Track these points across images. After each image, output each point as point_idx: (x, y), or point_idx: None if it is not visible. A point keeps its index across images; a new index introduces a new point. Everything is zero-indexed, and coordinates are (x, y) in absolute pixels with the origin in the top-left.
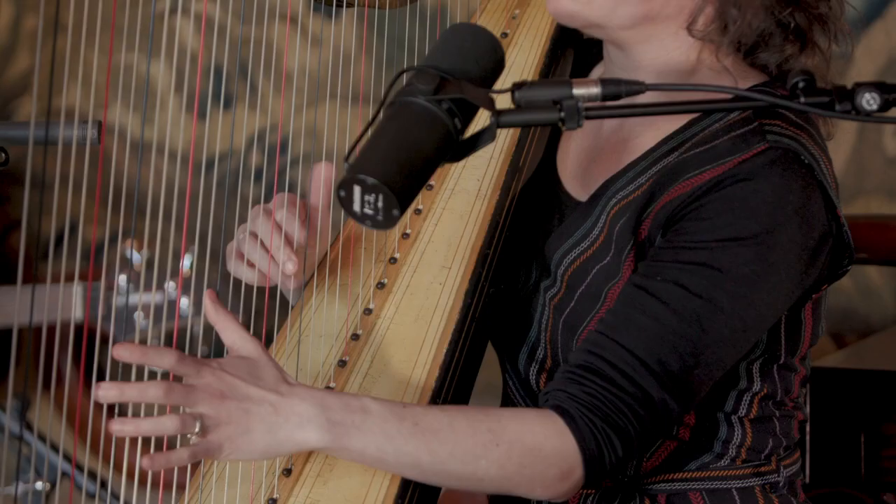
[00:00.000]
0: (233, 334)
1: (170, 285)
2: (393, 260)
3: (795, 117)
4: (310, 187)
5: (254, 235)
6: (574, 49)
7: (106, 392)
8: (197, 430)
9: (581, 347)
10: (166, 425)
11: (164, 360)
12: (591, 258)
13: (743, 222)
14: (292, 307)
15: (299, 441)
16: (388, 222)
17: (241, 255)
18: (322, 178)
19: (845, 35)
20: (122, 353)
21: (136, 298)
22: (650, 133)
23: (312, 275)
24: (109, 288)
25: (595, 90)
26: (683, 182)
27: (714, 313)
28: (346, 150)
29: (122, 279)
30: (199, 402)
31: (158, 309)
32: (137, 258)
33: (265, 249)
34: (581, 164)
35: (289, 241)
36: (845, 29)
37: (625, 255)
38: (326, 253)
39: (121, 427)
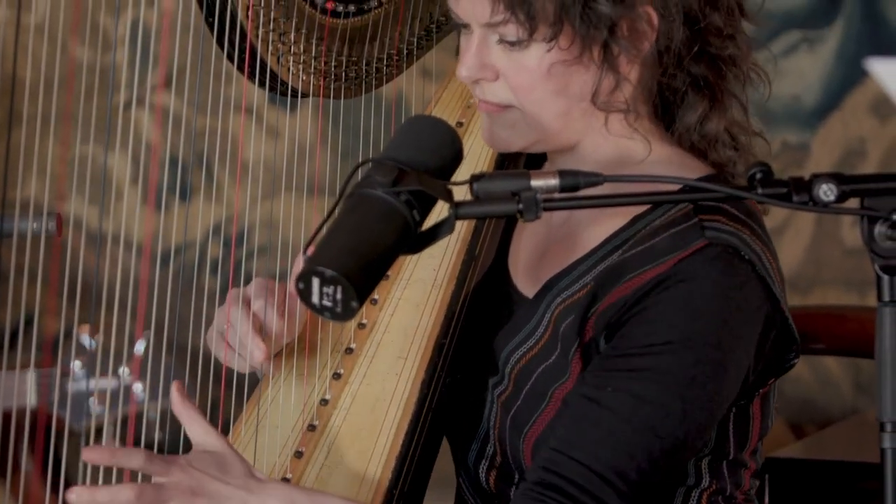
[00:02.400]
0: (198, 428)
1: (124, 371)
2: (349, 350)
3: (737, 212)
4: (291, 274)
5: (232, 325)
6: None
7: (78, 497)
8: None
9: (537, 465)
10: (124, 495)
11: (133, 460)
12: (535, 357)
13: (687, 324)
14: (261, 379)
15: None
16: (346, 314)
17: (225, 343)
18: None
19: (760, 74)
20: (91, 456)
21: (91, 384)
22: (596, 230)
23: (280, 350)
24: (64, 374)
25: (553, 182)
26: (625, 283)
27: (667, 418)
28: (305, 242)
29: (76, 365)
30: (171, 500)
31: (114, 394)
32: (92, 344)
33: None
34: (531, 258)
35: (265, 329)
36: (758, 67)
37: (571, 355)
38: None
39: (77, 498)
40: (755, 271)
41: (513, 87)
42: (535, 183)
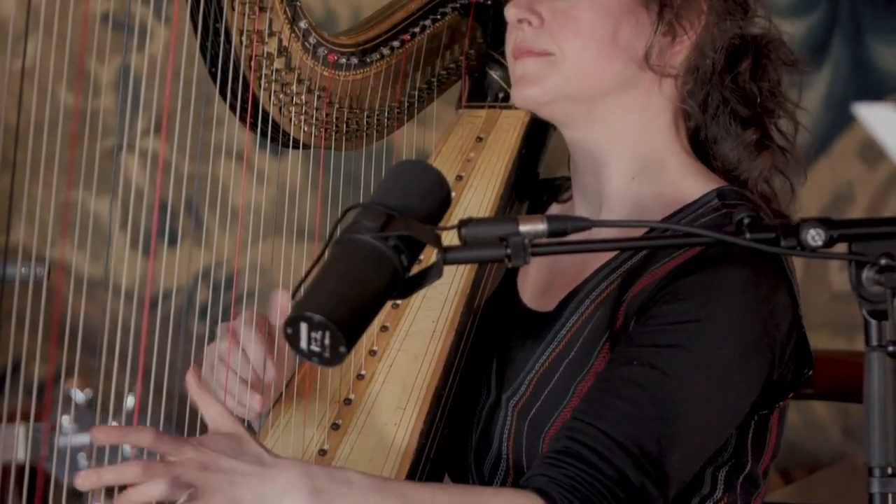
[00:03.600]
0: (214, 410)
1: (113, 426)
2: (348, 401)
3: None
4: (273, 313)
5: (220, 359)
6: (529, 190)
7: (84, 480)
8: (185, 499)
9: (559, 434)
10: (129, 471)
11: (143, 438)
12: (558, 357)
13: (718, 304)
14: (259, 427)
15: None
16: (335, 359)
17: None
18: (279, 307)
19: (798, 160)
20: (99, 435)
21: (80, 439)
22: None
23: (268, 413)
24: (52, 428)
25: (541, 227)
26: (656, 269)
27: (690, 396)
28: (294, 288)
29: (65, 420)
30: (182, 476)
31: (102, 449)
32: (81, 397)
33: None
34: (543, 279)
35: (257, 377)
36: (798, 155)
37: (599, 346)
38: (282, 394)
39: (83, 480)
40: (782, 267)
41: (558, 30)
42: (523, 228)
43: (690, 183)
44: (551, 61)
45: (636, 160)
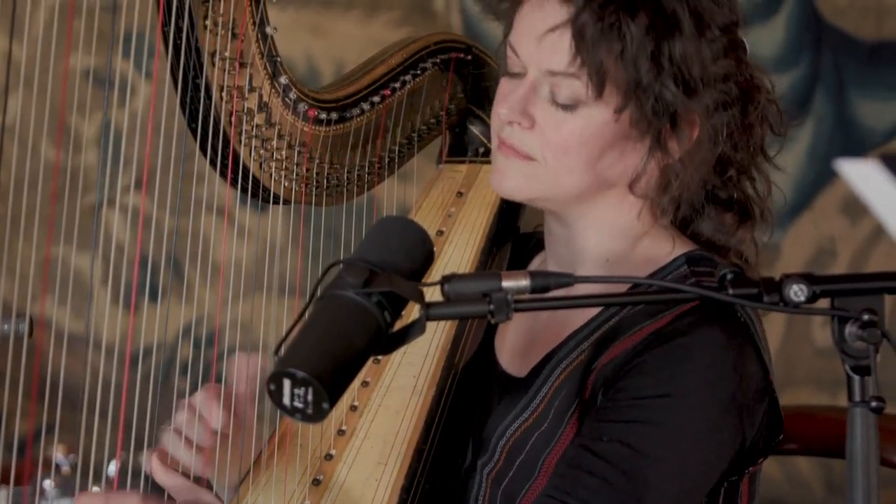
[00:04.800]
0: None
1: (96, 492)
2: (329, 456)
3: None
4: (233, 378)
5: (177, 431)
6: (511, 244)
7: None
8: None
9: None
10: None
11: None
12: (530, 427)
13: (684, 377)
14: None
15: None
16: (318, 416)
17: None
18: (245, 370)
19: (770, 216)
20: (85, 501)
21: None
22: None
23: (248, 472)
24: (35, 493)
25: (524, 282)
26: (624, 339)
27: (661, 470)
28: (276, 344)
29: (47, 484)
30: None
31: None
32: (65, 462)
33: (188, 443)
34: (520, 344)
35: (209, 429)
36: (769, 211)
37: (567, 417)
38: (262, 451)
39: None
40: (750, 335)
41: (546, 141)
42: (505, 284)
43: (660, 248)
44: (533, 167)
45: (610, 240)
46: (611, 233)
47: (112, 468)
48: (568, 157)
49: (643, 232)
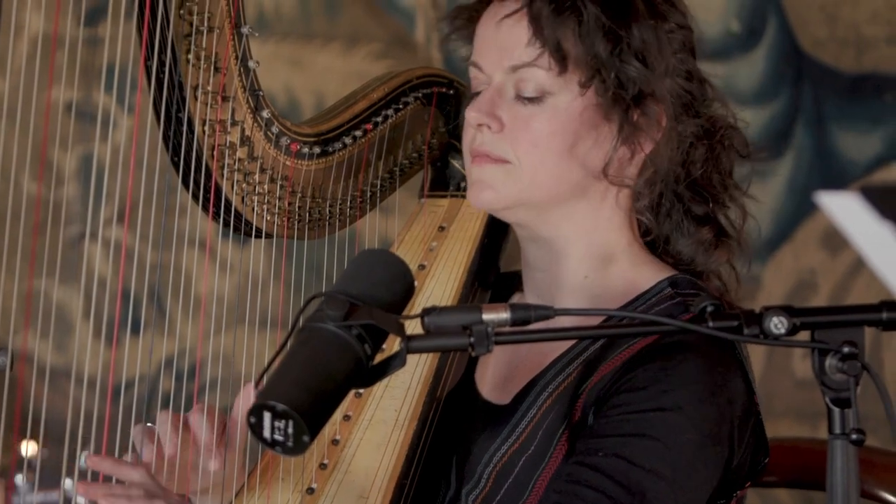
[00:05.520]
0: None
1: (66, 482)
2: (310, 490)
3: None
4: (236, 404)
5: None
6: (492, 280)
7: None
8: None
9: None
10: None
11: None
12: (517, 451)
13: (677, 392)
14: None
15: None
16: (298, 449)
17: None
18: (250, 396)
19: (746, 247)
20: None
21: (34, 498)
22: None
23: (240, 489)
24: (7, 488)
25: (504, 315)
26: (613, 359)
27: (657, 483)
28: (257, 377)
29: (18, 479)
30: None
31: None
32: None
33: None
34: (501, 372)
35: (160, 453)
36: (745, 240)
37: (557, 438)
38: (244, 484)
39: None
40: (736, 355)
41: (516, 139)
42: (486, 316)
43: (642, 273)
44: (508, 169)
45: (589, 258)
46: (588, 248)
47: (83, 459)
48: (539, 150)
49: (621, 247)
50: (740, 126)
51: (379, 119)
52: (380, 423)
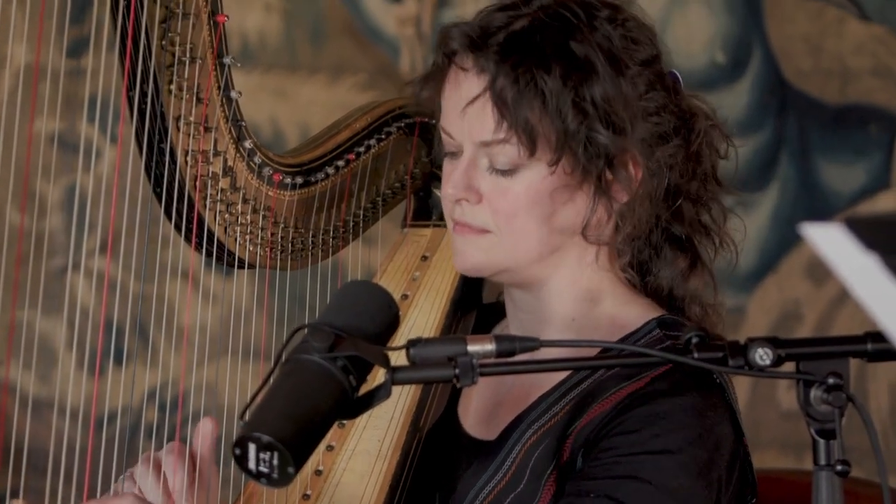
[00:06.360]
0: None
1: None
2: None
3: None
4: (198, 439)
5: (132, 479)
6: (476, 309)
7: None
8: None
9: None
10: None
11: None
12: (503, 489)
13: (668, 435)
14: None
15: None
16: (283, 480)
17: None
18: (208, 432)
19: (730, 243)
20: None
21: None
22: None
23: None
24: None
25: (490, 346)
26: (603, 401)
27: None
28: (242, 408)
29: None
30: None
31: None
32: None
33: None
34: (485, 408)
35: (166, 490)
36: (728, 237)
37: (544, 479)
38: None
39: None
40: (725, 398)
41: (495, 211)
42: (471, 348)
43: (628, 312)
44: (490, 238)
45: (575, 301)
46: (574, 292)
47: None
48: (518, 220)
49: (606, 288)
50: (727, 152)
51: (361, 149)
52: (363, 454)
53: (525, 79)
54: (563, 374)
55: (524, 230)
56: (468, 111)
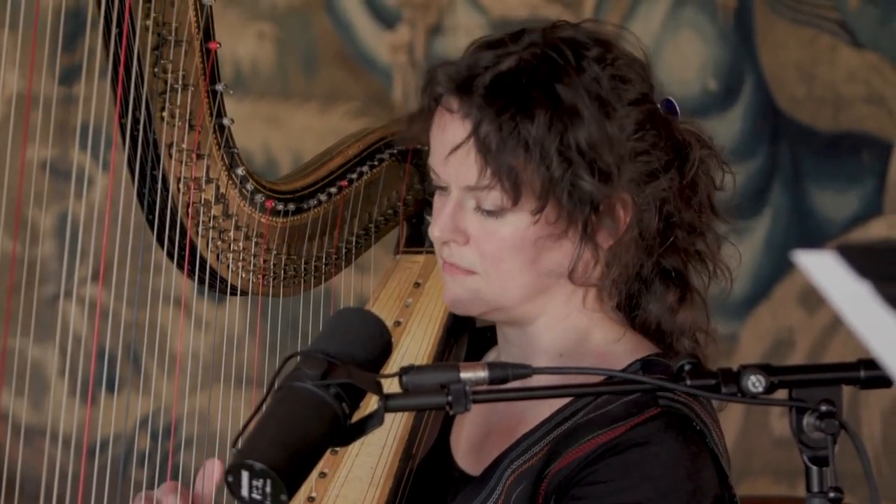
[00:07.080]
0: None
1: None
2: None
3: None
4: (200, 479)
5: None
6: (468, 335)
7: None
8: None
9: None
10: None
11: None
12: None
13: (638, 487)
14: None
15: None
16: None
17: None
18: (214, 473)
19: (724, 270)
20: None
21: None
22: (545, 404)
23: None
24: None
25: (482, 374)
26: (578, 446)
27: None
28: (235, 435)
29: None
30: None
31: None
32: None
33: None
34: (475, 439)
35: None
36: (723, 264)
37: None
38: None
39: None
40: (706, 443)
41: (482, 253)
42: (464, 375)
43: (616, 351)
44: (476, 281)
45: (564, 340)
46: (563, 329)
47: None
48: (504, 264)
49: (594, 324)
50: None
51: (354, 176)
52: (356, 481)
53: (509, 126)
54: (548, 412)
55: (510, 273)
56: (452, 157)
